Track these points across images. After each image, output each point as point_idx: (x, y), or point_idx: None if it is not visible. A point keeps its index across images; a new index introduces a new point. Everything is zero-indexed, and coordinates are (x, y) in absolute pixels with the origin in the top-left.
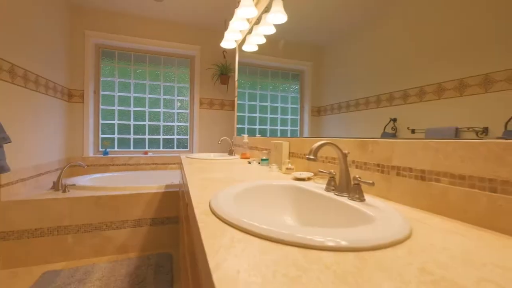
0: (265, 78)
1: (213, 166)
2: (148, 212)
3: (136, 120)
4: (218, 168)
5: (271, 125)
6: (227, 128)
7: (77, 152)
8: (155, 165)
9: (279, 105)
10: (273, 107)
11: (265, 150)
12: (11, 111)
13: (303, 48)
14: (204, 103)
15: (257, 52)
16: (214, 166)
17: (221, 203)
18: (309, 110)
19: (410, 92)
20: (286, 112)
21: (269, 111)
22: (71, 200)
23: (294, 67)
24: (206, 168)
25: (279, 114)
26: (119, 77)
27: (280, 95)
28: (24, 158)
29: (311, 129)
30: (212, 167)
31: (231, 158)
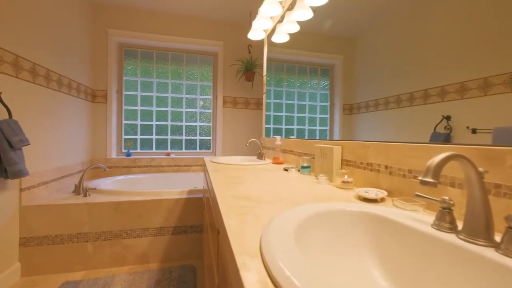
0: (291, 74)
1: (244, 174)
2: (170, 220)
3: (159, 120)
4: (251, 178)
5: (298, 124)
6: (251, 128)
7: (100, 154)
8: (177, 167)
9: (307, 103)
10: (300, 106)
11: (305, 155)
12: (34, 112)
13: (333, 40)
14: (227, 102)
15: (284, 46)
16: (245, 174)
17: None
18: (340, 108)
19: (470, 85)
20: (314, 110)
21: (296, 110)
22: (91, 205)
23: (324, 62)
24: (236, 178)
25: (307, 113)
26: (141, 76)
27: (308, 93)
28: (47, 160)
29: (342, 129)
30: (243, 175)
31: (262, 163)
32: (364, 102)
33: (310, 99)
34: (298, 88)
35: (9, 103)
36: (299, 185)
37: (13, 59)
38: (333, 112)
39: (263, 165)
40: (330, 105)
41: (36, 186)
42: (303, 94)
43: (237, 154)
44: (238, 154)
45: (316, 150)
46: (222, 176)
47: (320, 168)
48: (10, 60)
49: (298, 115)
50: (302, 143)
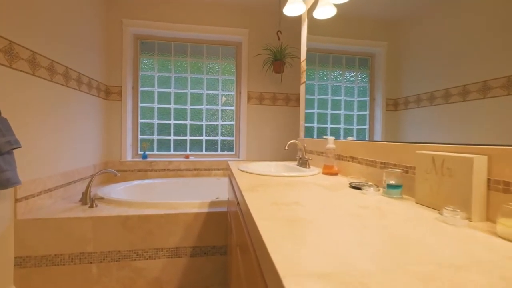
0: (324, 66)
1: (298, 195)
2: (188, 239)
3: (177, 119)
4: (315, 204)
5: (332, 123)
6: (280, 127)
7: (115, 156)
8: (197, 171)
9: (342, 98)
10: (335, 101)
11: (391, 168)
12: (34, 109)
13: (375, 24)
14: (252, 98)
15: (315, 33)
16: (299, 195)
17: None
18: (383, 104)
19: None
20: (351, 106)
21: (330, 106)
22: (95, 220)
23: (363, 50)
24: (291, 206)
25: (343, 110)
26: (158, 71)
27: (344, 86)
28: (51, 165)
29: (385, 127)
30: (299, 199)
31: (310, 173)
32: (415, 96)
33: (346, 93)
34: (332, 81)
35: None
36: (414, 231)
37: (5, 46)
38: (373, 109)
39: (314, 177)
40: (369, 100)
41: (36, 195)
42: (337, 88)
43: (262, 157)
44: (264, 157)
45: (422, 160)
46: (264, 199)
47: (437, 193)
48: (2, 46)
49: (332, 112)
50: (376, 148)
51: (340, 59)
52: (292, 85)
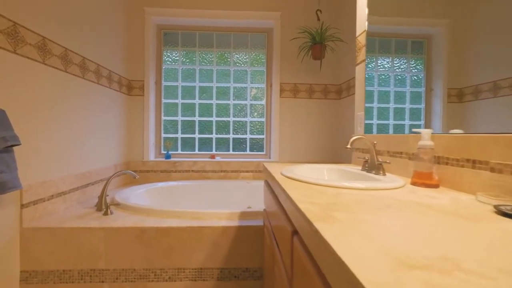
0: (370, 51)
1: (417, 230)
2: (214, 258)
3: (202, 115)
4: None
5: (379, 118)
6: (317, 123)
7: (137, 156)
8: (224, 172)
9: (391, 89)
10: (382, 93)
11: None
12: (44, 102)
13: None
14: (285, 90)
15: None
16: (420, 231)
17: None
18: (443, 95)
19: None
20: (402, 98)
21: (376, 99)
22: (108, 231)
23: (417, 31)
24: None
25: (392, 103)
26: (182, 64)
27: (393, 75)
28: (64, 165)
29: (446, 123)
30: (433, 247)
31: (394, 185)
32: (491, 83)
33: (396, 83)
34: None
35: (3, 87)
36: None
37: (8, 27)
38: (430, 100)
39: (405, 191)
40: (425, 91)
41: (47, 199)
42: (385, 77)
43: (296, 157)
44: (298, 157)
45: None
46: (366, 245)
47: None
48: (4, 27)
49: (379, 105)
50: None
51: (388, 43)
52: (332, 74)
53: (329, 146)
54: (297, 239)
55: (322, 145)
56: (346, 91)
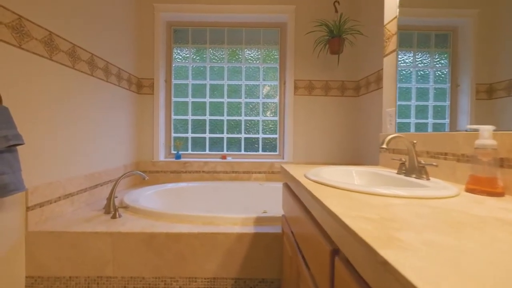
0: None
1: None
2: (228, 267)
3: (212, 114)
4: None
5: (400, 117)
6: (333, 122)
7: (146, 155)
8: (235, 173)
9: (412, 85)
10: (403, 90)
11: None
12: (50, 100)
13: None
14: (300, 88)
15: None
16: None
17: None
18: (471, 91)
19: None
20: (424, 95)
21: (397, 96)
22: (115, 236)
23: (441, 23)
24: None
25: (413, 100)
26: (192, 61)
27: (415, 71)
28: (74, 165)
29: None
30: None
31: (448, 193)
32: None
33: (418, 80)
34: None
35: (8, 84)
36: None
37: (13, 21)
38: (456, 97)
39: (463, 200)
40: (450, 87)
41: (54, 200)
42: (407, 73)
43: (311, 158)
44: (313, 158)
45: None
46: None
47: None
48: (8, 21)
49: (400, 103)
50: None
51: (409, 37)
52: (350, 70)
53: (347, 146)
54: (341, 262)
55: (339, 145)
56: (365, 87)
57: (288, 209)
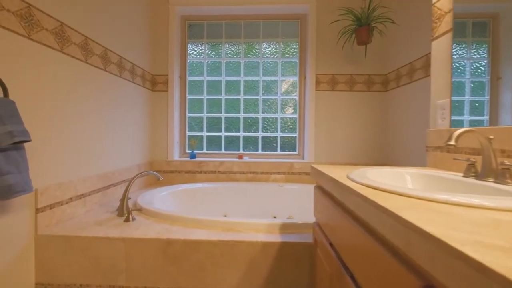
0: None
1: None
2: (252, 281)
3: (228, 112)
4: None
5: None
6: (358, 119)
7: (160, 155)
8: (253, 174)
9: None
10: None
11: None
12: (60, 94)
13: None
14: (322, 83)
15: None
16: None
17: None
18: None
19: None
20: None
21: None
22: (128, 242)
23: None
24: None
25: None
26: (208, 56)
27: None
28: (86, 165)
29: None
30: None
31: None
32: None
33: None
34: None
35: (15, 77)
36: None
37: (21, 9)
38: (497, 91)
39: None
40: (490, 79)
41: (65, 202)
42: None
43: (334, 158)
44: (336, 158)
45: None
46: None
47: None
48: (16, 9)
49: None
50: None
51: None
52: (378, 62)
53: (375, 146)
54: None
55: (365, 144)
56: (394, 81)
57: (323, 216)
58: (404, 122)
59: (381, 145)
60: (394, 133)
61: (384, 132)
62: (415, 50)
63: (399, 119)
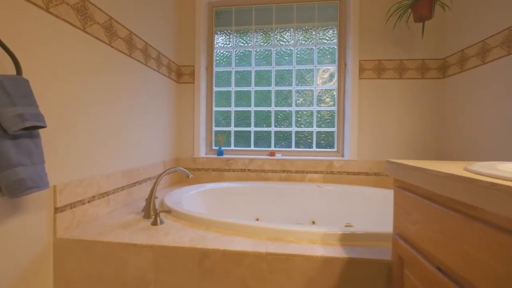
0: None
1: None
2: None
3: (258, 105)
4: None
5: None
6: (410, 111)
7: (186, 152)
8: (286, 173)
9: None
10: None
11: None
12: (79, 76)
13: None
14: (366, 70)
15: None
16: None
17: None
18: None
19: None
20: None
21: None
22: (157, 251)
23: None
24: None
25: None
26: (236, 45)
27: None
28: (109, 160)
29: None
30: None
31: None
32: None
33: None
34: None
35: (31, 54)
36: None
37: None
38: None
39: None
40: None
41: (87, 200)
42: None
43: (381, 155)
44: (384, 155)
45: None
46: None
47: None
48: None
49: None
50: None
51: None
52: (434, 44)
53: (430, 140)
54: None
55: (419, 139)
56: (457, 65)
57: (420, 227)
58: (473, 113)
59: (438, 140)
60: (457, 126)
61: (442, 125)
62: (489, 25)
63: (464, 109)
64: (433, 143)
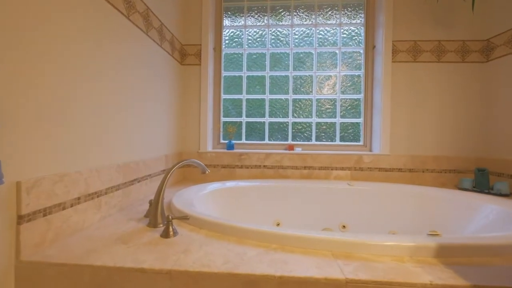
0: None
1: None
2: None
3: (273, 93)
4: None
5: None
6: (449, 99)
7: (191, 145)
8: (308, 170)
9: None
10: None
11: None
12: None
13: None
14: (399, 52)
15: None
16: None
17: None
18: None
19: None
20: None
21: None
22: (176, 278)
23: None
24: None
25: None
26: (249, 24)
27: None
28: (103, 152)
29: None
30: None
31: None
32: None
33: None
34: None
35: None
36: None
37: None
38: None
39: None
40: None
41: (68, 204)
42: None
43: (418, 150)
44: (420, 150)
45: None
46: None
47: None
48: None
49: None
50: None
51: None
52: (478, 23)
53: (474, 133)
54: None
55: (462, 131)
56: (505, 47)
57: None
58: None
59: (485, 133)
60: (503, 119)
61: (489, 115)
62: None
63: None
64: (477, 134)
